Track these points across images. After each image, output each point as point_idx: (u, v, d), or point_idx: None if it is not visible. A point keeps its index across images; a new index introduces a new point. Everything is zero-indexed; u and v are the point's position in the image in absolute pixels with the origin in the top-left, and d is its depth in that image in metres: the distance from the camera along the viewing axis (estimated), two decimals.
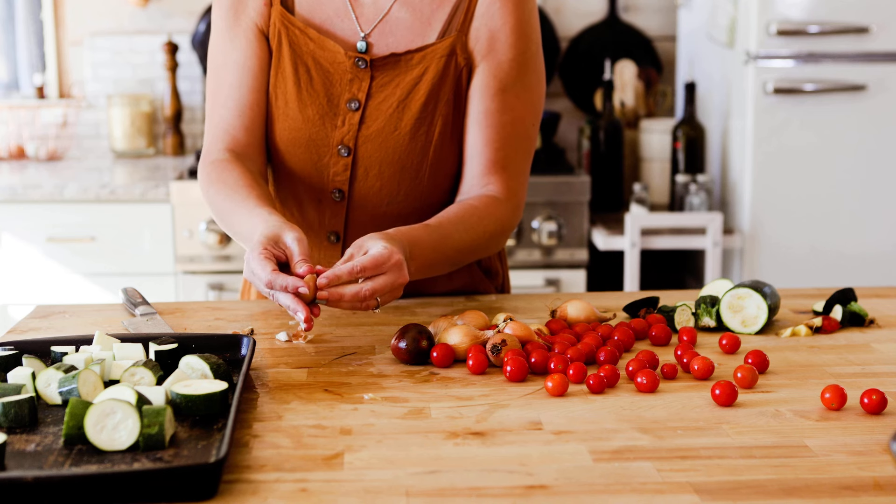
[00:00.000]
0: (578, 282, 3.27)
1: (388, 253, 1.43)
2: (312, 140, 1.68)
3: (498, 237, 1.69)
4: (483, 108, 1.67)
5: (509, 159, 1.69)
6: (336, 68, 1.66)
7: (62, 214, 3.20)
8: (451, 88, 1.67)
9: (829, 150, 3.07)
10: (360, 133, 1.66)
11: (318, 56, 1.67)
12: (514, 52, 1.67)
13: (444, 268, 1.66)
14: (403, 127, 1.66)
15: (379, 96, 1.66)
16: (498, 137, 1.68)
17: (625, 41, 3.75)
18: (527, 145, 1.72)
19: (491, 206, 1.66)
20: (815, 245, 3.11)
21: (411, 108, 1.66)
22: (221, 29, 1.70)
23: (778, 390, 1.31)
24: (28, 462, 1.06)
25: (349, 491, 1.02)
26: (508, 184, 1.69)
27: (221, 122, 1.69)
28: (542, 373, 1.36)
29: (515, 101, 1.68)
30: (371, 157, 1.67)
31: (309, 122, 1.67)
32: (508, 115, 1.68)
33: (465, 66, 1.67)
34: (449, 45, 1.65)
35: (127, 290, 1.71)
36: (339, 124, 1.67)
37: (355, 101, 1.66)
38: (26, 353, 1.32)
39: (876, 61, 3.03)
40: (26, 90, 3.81)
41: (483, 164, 1.68)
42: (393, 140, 1.66)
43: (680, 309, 1.56)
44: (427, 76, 1.65)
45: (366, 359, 1.44)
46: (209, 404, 1.17)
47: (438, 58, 1.65)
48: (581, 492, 1.02)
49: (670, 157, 3.37)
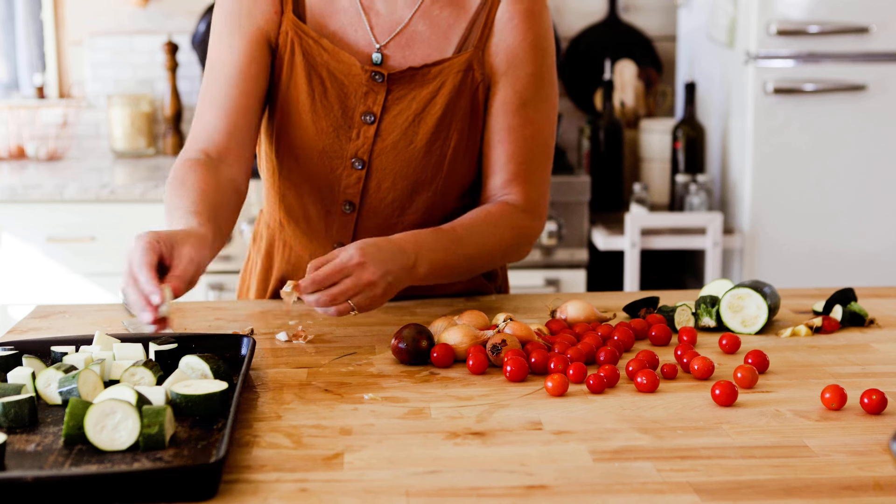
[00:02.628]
0: (578, 282, 3.27)
1: (341, 262, 1.45)
2: (325, 151, 1.66)
3: (516, 246, 1.69)
4: (505, 124, 1.67)
5: (531, 171, 1.69)
6: (351, 80, 1.64)
7: (62, 214, 3.20)
8: (468, 103, 1.66)
9: (829, 150, 3.07)
10: (374, 146, 1.65)
11: (332, 67, 1.64)
12: (533, 68, 1.67)
13: (459, 273, 1.65)
14: (419, 141, 1.65)
15: (394, 110, 1.65)
16: (521, 152, 1.68)
17: (625, 41, 3.75)
18: (547, 156, 1.72)
19: (507, 214, 1.66)
20: (815, 245, 3.11)
21: (427, 121, 1.65)
22: (221, 32, 1.67)
23: (778, 390, 1.31)
24: (28, 462, 1.06)
25: (349, 491, 1.02)
26: (530, 195, 1.69)
27: (204, 123, 1.65)
28: (542, 373, 1.36)
29: (535, 115, 1.69)
30: (385, 170, 1.66)
31: (322, 134, 1.65)
32: (529, 128, 1.68)
33: (482, 82, 1.66)
34: (466, 60, 1.65)
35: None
36: (353, 137, 1.65)
37: (370, 115, 1.64)
38: (26, 353, 1.32)
39: (876, 61, 3.03)
40: (26, 90, 3.81)
41: (505, 178, 1.68)
42: (408, 154, 1.66)
43: (680, 309, 1.56)
44: (444, 90, 1.64)
45: (366, 359, 1.44)
46: (209, 404, 1.17)
47: (455, 72, 1.64)
48: (581, 492, 1.02)
49: (670, 157, 3.37)
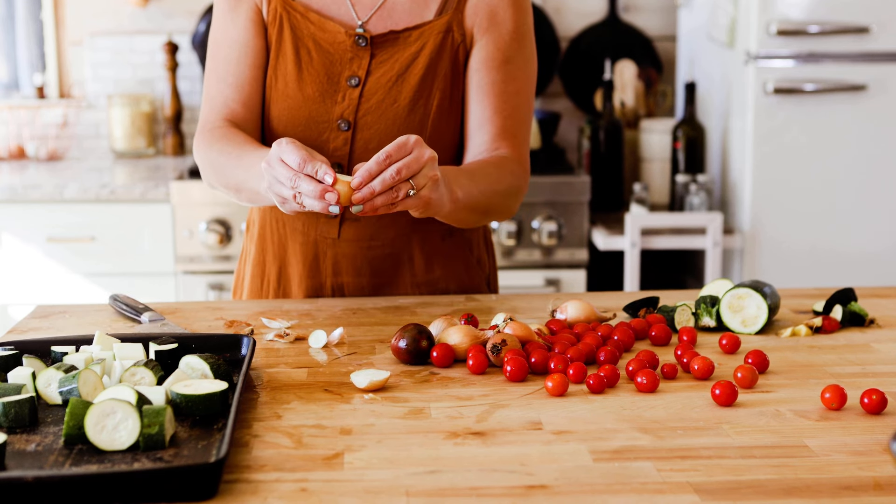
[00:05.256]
0: (578, 282, 3.27)
1: (406, 137, 1.46)
2: (312, 118, 1.70)
3: (513, 194, 1.73)
4: (489, 79, 1.72)
5: (517, 128, 1.74)
6: (336, 48, 1.71)
7: (62, 214, 3.20)
8: (449, 63, 1.71)
9: (829, 150, 3.07)
10: (359, 107, 1.70)
11: (318, 38, 1.71)
12: (514, 25, 1.73)
13: (477, 212, 1.67)
14: (402, 100, 1.70)
15: (378, 72, 1.70)
16: (506, 107, 1.73)
17: (625, 41, 3.75)
18: (529, 115, 1.78)
19: (505, 162, 1.71)
20: (815, 245, 3.11)
21: (409, 81, 1.70)
22: (223, 9, 1.75)
23: (778, 390, 1.31)
24: (28, 462, 1.06)
25: (349, 491, 1.02)
26: (518, 149, 1.74)
27: (219, 96, 1.74)
28: (542, 373, 1.36)
29: (518, 72, 1.74)
30: (370, 130, 1.70)
31: (309, 101, 1.70)
32: (512, 85, 1.73)
33: (462, 43, 1.72)
34: (446, 21, 1.71)
35: (119, 296, 1.67)
36: (339, 100, 1.70)
37: (355, 78, 1.70)
38: (26, 353, 1.32)
39: (876, 61, 3.03)
40: (26, 90, 3.81)
41: (492, 132, 1.72)
42: (392, 113, 1.70)
43: (680, 309, 1.56)
44: (425, 51, 1.70)
45: (366, 359, 1.44)
46: (209, 404, 1.17)
47: (436, 34, 1.71)
48: (581, 492, 1.02)
49: (670, 157, 3.37)
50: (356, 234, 1.75)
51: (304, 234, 1.76)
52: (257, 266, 1.83)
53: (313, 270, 1.77)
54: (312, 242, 1.76)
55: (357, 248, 1.75)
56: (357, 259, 1.76)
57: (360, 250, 1.75)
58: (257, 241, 1.82)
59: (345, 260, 1.76)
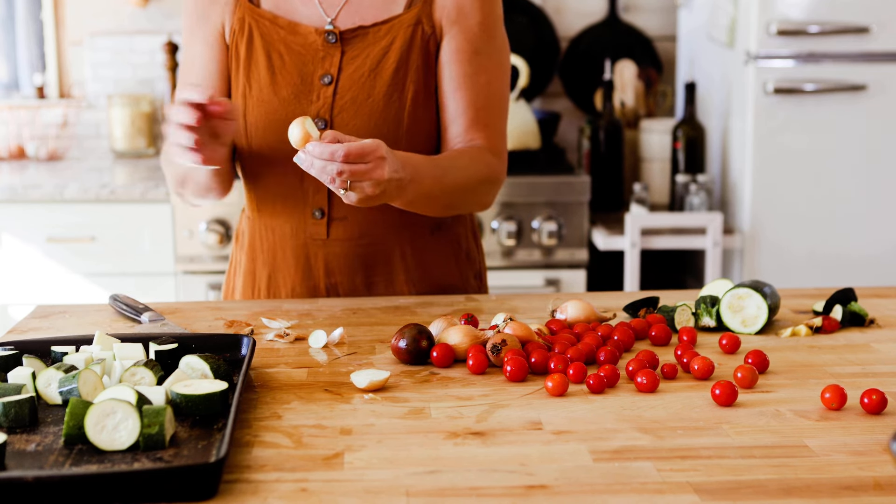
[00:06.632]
0: (578, 282, 3.27)
1: (375, 145, 1.48)
2: (289, 119, 1.70)
3: (488, 184, 1.74)
4: (460, 71, 1.74)
5: (490, 118, 1.76)
6: (308, 49, 1.73)
7: (62, 214, 3.20)
8: (420, 56, 1.73)
9: (829, 151, 3.07)
10: (334, 104, 1.72)
11: (289, 41, 1.73)
12: (482, 16, 1.74)
13: (441, 204, 1.70)
14: (377, 94, 1.71)
15: (350, 68, 1.72)
16: (477, 98, 1.74)
17: (625, 41, 3.75)
18: (503, 105, 1.79)
19: (478, 152, 1.72)
20: (815, 245, 3.11)
21: (382, 75, 1.71)
22: (192, 28, 1.79)
23: (778, 390, 1.31)
24: (28, 462, 1.06)
25: (349, 491, 1.02)
26: (492, 139, 1.75)
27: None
28: (542, 373, 1.36)
29: (488, 63, 1.75)
30: (347, 126, 1.71)
31: (284, 103, 1.72)
32: (483, 76, 1.75)
33: (432, 35, 1.73)
34: (415, 14, 1.72)
35: (119, 296, 1.67)
36: (314, 99, 1.72)
37: (328, 76, 1.72)
38: (26, 353, 1.32)
39: (876, 61, 3.03)
40: (26, 90, 3.81)
41: (465, 124, 1.74)
42: (367, 107, 1.71)
43: (680, 309, 1.56)
44: (395, 45, 1.72)
45: (366, 359, 1.44)
46: (209, 404, 1.17)
47: (405, 27, 1.72)
48: (581, 492, 1.02)
49: (670, 157, 3.37)
50: (345, 234, 1.75)
51: (293, 238, 1.76)
52: (248, 275, 1.83)
53: (306, 274, 1.77)
54: (303, 245, 1.76)
55: (347, 247, 1.76)
56: (348, 258, 1.76)
57: (351, 249, 1.76)
58: (247, 250, 1.83)
59: (336, 260, 1.76)
